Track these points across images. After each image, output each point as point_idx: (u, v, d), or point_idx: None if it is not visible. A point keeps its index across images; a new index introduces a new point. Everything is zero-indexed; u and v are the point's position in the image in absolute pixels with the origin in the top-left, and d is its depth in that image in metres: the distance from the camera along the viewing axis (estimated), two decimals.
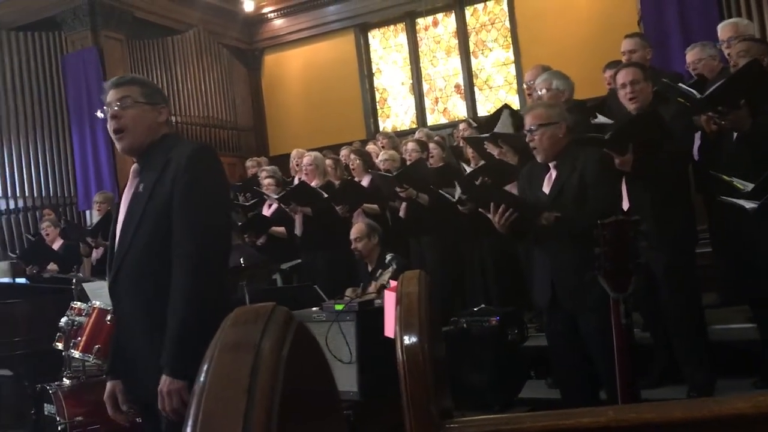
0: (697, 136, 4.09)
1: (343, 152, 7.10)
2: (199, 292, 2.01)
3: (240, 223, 6.24)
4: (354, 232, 4.89)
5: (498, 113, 4.77)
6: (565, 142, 3.24)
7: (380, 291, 4.17)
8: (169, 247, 2.06)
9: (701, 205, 4.41)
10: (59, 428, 3.46)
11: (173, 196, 2.08)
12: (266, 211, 6.48)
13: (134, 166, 2.27)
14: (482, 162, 4.77)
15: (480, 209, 3.32)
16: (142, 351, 2.11)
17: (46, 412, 3.72)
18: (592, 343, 3.11)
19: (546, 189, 3.25)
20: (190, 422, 0.55)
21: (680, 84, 3.79)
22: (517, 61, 9.60)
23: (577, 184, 3.15)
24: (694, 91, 3.60)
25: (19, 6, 9.07)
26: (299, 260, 6.15)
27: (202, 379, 0.58)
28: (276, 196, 6.09)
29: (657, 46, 5.63)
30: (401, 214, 5.66)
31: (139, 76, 2.46)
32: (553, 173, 3.25)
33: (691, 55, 4.48)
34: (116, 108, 2.19)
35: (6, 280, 6.21)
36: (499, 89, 9.92)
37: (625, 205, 3.69)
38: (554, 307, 3.23)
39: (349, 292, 4.48)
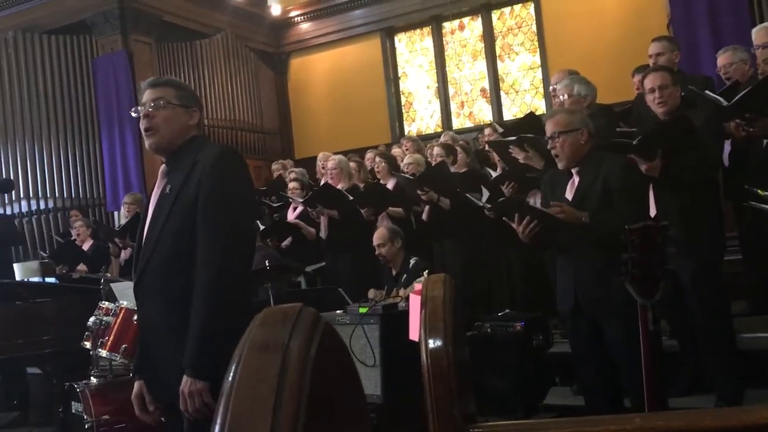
0: (727, 142, 4.04)
1: (369, 155, 7.11)
2: (222, 295, 2.02)
3: (262, 228, 6.27)
4: (376, 238, 4.88)
5: (525, 119, 4.76)
6: (587, 148, 3.20)
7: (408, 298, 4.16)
8: (194, 248, 2.08)
9: (730, 211, 4.35)
10: (86, 426, 3.51)
11: (198, 198, 2.10)
12: (291, 215, 6.51)
13: (162, 168, 2.29)
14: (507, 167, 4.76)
15: (504, 218, 3.30)
16: (166, 350, 2.13)
17: (73, 410, 3.77)
18: (616, 349, 3.07)
19: (569, 195, 3.22)
20: (218, 420, 0.56)
21: (707, 91, 3.74)
22: (544, 65, 9.55)
23: (600, 191, 3.11)
24: (720, 99, 3.55)
25: (51, 10, 9.24)
26: (323, 263, 6.17)
27: (230, 377, 0.59)
28: (301, 200, 6.12)
29: (687, 49, 5.56)
30: (424, 217, 5.66)
31: (175, 78, 2.47)
32: (576, 179, 3.21)
33: (722, 59, 4.42)
34: (150, 108, 2.22)
35: (36, 279, 6.31)
36: (525, 93, 9.88)
37: (652, 212, 3.64)
38: (577, 312, 3.20)
39: (371, 293, 4.47)
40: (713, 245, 3.68)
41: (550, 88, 4.98)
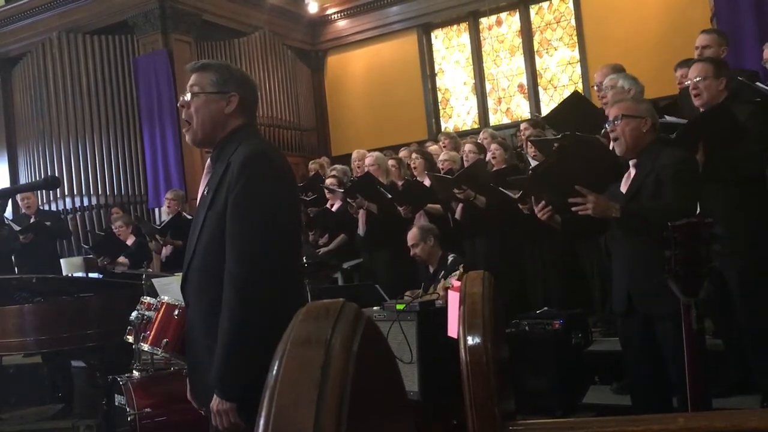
0: None
1: (403, 153, 7.10)
2: (245, 315, 1.92)
3: (305, 223, 6.31)
4: (410, 239, 4.81)
5: (569, 99, 4.66)
6: (648, 139, 3.12)
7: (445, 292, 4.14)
8: (224, 260, 1.99)
9: None
10: (129, 419, 3.57)
11: (227, 207, 2.00)
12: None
13: (209, 161, 2.19)
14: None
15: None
16: (204, 355, 2.08)
17: (116, 403, 3.84)
18: (668, 348, 3.01)
19: (623, 188, 3.17)
20: (263, 414, 0.57)
21: (758, 83, 3.65)
22: (583, 60, 9.43)
23: (653, 183, 3.03)
24: None
25: (93, 10, 9.43)
26: (360, 259, 6.18)
27: (274, 371, 0.59)
28: (341, 190, 6.14)
29: (730, 43, 5.43)
30: (457, 215, 5.63)
31: (215, 61, 2.24)
32: (632, 172, 3.15)
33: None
34: (186, 97, 2.13)
35: (80, 274, 6.45)
36: (563, 89, 9.76)
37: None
38: (630, 311, 3.13)
39: (408, 294, 4.47)
40: (760, 243, 3.58)
41: (593, 84, 4.87)
